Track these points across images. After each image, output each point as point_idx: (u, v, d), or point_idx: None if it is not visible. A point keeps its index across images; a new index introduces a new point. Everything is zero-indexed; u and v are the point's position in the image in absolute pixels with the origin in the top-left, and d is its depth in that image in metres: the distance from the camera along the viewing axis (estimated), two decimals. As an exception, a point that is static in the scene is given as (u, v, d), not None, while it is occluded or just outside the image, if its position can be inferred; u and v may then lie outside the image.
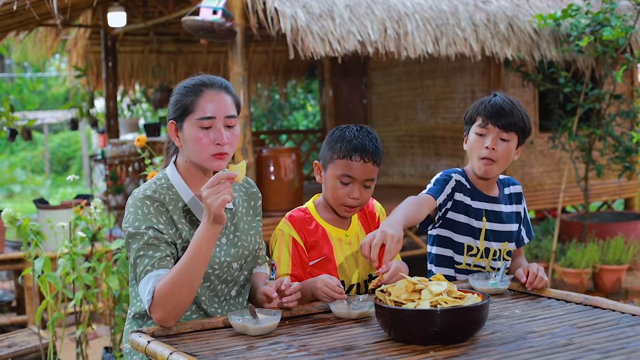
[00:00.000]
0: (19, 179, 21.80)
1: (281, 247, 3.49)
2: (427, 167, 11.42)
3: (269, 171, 8.73)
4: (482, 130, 3.77)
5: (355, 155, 3.44)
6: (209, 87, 3.22)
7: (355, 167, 3.45)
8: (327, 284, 3.23)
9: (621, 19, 8.57)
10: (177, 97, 3.26)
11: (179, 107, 3.23)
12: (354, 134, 3.49)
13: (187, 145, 3.22)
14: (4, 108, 9.35)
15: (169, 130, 3.28)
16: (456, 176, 3.85)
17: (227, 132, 3.21)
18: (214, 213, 2.96)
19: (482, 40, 8.79)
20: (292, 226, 3.51)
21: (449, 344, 2.72)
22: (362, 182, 3.48)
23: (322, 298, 3.24)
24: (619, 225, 10.14)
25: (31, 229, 5.47)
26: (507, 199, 3.99)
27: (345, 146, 3.46)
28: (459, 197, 3.83)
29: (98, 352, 7.18)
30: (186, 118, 3.20)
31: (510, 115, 3.74)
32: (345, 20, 8.00)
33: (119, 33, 11.97)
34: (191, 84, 3.24)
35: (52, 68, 22.71)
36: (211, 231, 3.00)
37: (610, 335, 2.78)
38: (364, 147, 3.45)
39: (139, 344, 2.86)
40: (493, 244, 3.87)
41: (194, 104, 3.19)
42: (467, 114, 3.89)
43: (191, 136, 3.19)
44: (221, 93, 3.24)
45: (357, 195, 3.48)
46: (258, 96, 16.28)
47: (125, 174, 10.59)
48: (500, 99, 3.78)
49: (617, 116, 9.68)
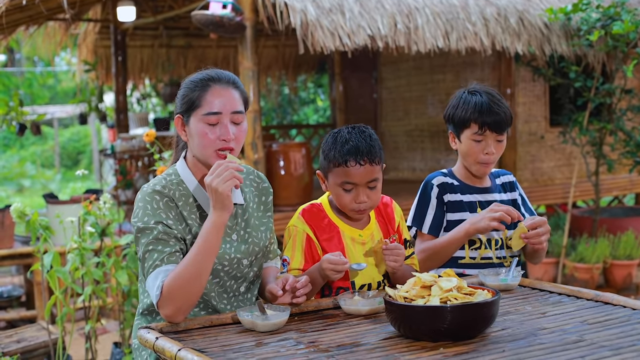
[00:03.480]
0: (29, 174, 21.85)
1: (295, 243, 3.45)
2: (437, 162, 11.39)
3: (278, 166, 8.71)
4: (480, 137, 3.77)
5: (350, 161, 3.33)
6: (216, 82, 3.20)
7: (353, 172, 3.34)
8: (331, 260, 3.22)
9: (632, 13, 8.53)
10: (184, 91, 3.23)
11: (185, 102, 3.21)
12: (345, 137, 3.38)
13: (193, 140, 3.20)
14: (14, 102, 9.36)
15: (175, 124, 3.26)
16: (436, 180, 3.89)
17: (233, 128, 3.18)
18: (222, 194, 2.95)
19: (492, 35, 8.76)
20: (305, 222, 3.48)
21: (458, 341, 2.71)
22: (364, 185, 3.38)
23: (332, 276, 3.23)
24: (629, 220, 10.11)
25: (40, 224, 5.47)
26: (501, 188, 4.00)
27: (339, 152, 3.35)
28: (449, 197, 3.86)
29: (107, 348, 7.18)
30: (193, 113, 3.18)
31: (502, 115, 3.77)
32: (355, 14, 7.97)
33: (129, 27, 11.96)
34: (198, 79, 3.22)
35: (62, 62, 22.72)
36: (218, 220, 2.99)
37: (621, 332, 2.76)
38: (357, 149, 3.33)
39: (147, 340, 2.85)
40: (493, 233, 3.86)
41: (200, 98, 3.16)
42: (452, 115, 3.85)
43: (197, 131, 3.16)
44: (229, 88, 3.21)
45: (362, 199, 3.39)
46: (268, 91, 16.26)
47: (135, 168, 10.59)
48: (486, 99, 3.77)
49: (628, 111, 9.64)
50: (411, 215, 3.91)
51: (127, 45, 12.50)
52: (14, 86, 21.75)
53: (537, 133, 10.35)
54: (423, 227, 3.84)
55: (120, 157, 10.47)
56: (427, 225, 3.84)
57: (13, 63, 24.63)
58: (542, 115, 10.42)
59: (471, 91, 3.83)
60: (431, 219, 3.84)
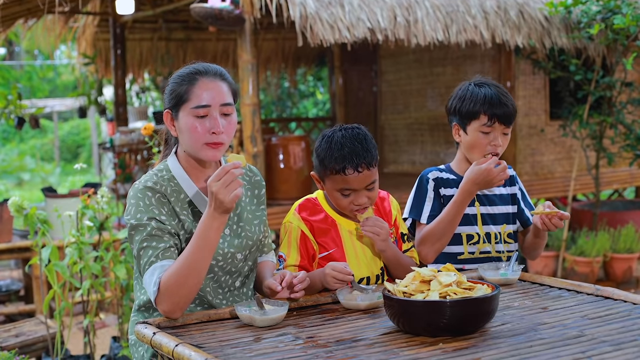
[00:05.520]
0: (28, 167, 21.84)
1: (290, 239, 3.45)
2: (437, 155, 11.38)
3: (278, 159, 8.71)
4: (488, 129, 3.76)
5: (348, 168, 3.31)
6: (204, 75, 3.18)
7: (351, 179, 3.33)
8: (335, 267, 3.21)
9: (632, 6, 8.51)
10: (172, 86, 3.21)
11: (174, 97, 3.18)
12: (340, 142, 3.35)
13: (183, 134, 3.18)
14: (12, 96, 9.34)
15: (165, 120, 3.24)
16: (432, 175, 3.90)
17: (223, 120, 3.16)
18: (227, 207, 2.92)
19: (492, 28, 8.74)
20: (300, 218, 3.47)
21: (458, 336, 2.69)
22: (363, 189, 3.38)
23: (333, 284, 3.21)
24: (630, 213, 10.11)
25: (38, 218, 5.46)
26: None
27: (335, 160, 3.33)
28: (444, 191, 3.86)
29: (106, 342, 7.17)
30: (181, 107, 3.16)
31: (511, 107, 3.78)
32: (354, 7, 7.95)
33: (128, 20, 11.93)
34: (185, 73, 3.20)
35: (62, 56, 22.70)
36: (219, 220, 2.97)
37: (622, 327, 2.75)
38: (355, 155, 3.31)
39: (145, 336, 2.84)
40: (492, 227, 3.87)
41: (188, 92, 3.14)
42: (459, 107, 3.84)
43: (187, 125, 3.14)
44: (216, 80, 3.19)
45: (361, 201, 3.39)
46: (267, 84, 16.24)
47: (134, 162, 10.57)
48: (495, 91, 3.77)
49: (628, 104, 9.63)
50: (408, 207, 3.90)
51: (126, 39, 12.47)
52: (14, 79, 21.73)
53: (537, 126, 10.34)
54: (421, 217, 3.83)
55: (119, 151, 10.44)
56: (426, 215, 3.82)
57: (13, 56, 24.62)
58: (542, 108, 10.41)
59: (478, 84, 3.83)
60: (429, 209, 3.83)
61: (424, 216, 3.83)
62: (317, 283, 3.28)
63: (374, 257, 3.52)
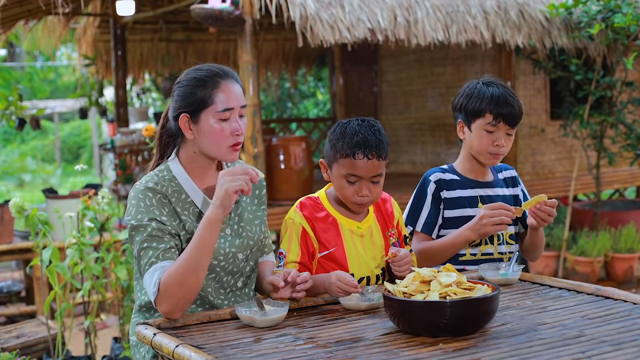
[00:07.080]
0: (29, 168, 21.84)
1: (291, 236, 3.44)
2: (438, 155, 11.38)
3: (279, 160, 8.70)
4: (492, 128, 3.77)
5: (358, 153, 3.32)
6: (224, 77, 3.19)
7: (360, 165, 3.33)
8: (341, 278, 3.18)
9: (632, 6, 8.51)
10: (189, 89, 3.19)
11: (193, 100, 3.16)
12: (355, 129, 3.37)
13: (204, 137, 3.18)
14: (13, 97, 9.34)
15: (180, 123, 3.20)
16: (434, 177, 3.90)
17: (241, 121, 3.20)
18: (226, 191, 2.95)
19: (492, 28, 8.73)
20: (302, 215, 3.46)
21: (458, 336, 2.70)
22: (369, 179, 3.37)
23: (337, 293, 3.20)
24: (630, 213, 10.10)
25: (39, 219, 5.46)
26: (503, 183, 4.01)
27: (347, 144, 3.34)
28: (446, 194, 3.87)
29: (107, 343, 7.17)
30: (204, 111, 3.15)
31: (517, 108, 3.79)
32: (354, 7, 7.95)
33: (128, 22, 11.92)
34: (204, 75, 3.18)
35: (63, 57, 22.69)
36: (214, 216, 2.98)
37: (622, 327, 2.75)
38: (367, 143, 3.33)
39: (145, 337, 2.84)
40: None
41: (212, 96, 3.15)
42: (465, 104, 3.85)
43: (212, 129, 3.15)
44: (235, 83, 3.22)
45: (365, 193, 3.38)
46: (268, 84, 16.25)
47: (135, 163, 10.57)
48: (502, 91, 3.78)
49: (628, 103, 9.62)
50: (406, 212, 3.91)
51: (127, 40, 12.46)
52: (15, 80, 21.72)
53: (537, 126, 10.34)
54: (417, 225, 3.85)
55: (120, 152, 10.44)
56: (421, 223, 3.85)
57: (13, 57, 24.61)
58: (543, 108, 10.41)
59: (486, 82, 3.84)
60: (425, 217, 3.84)
61: (419, 224, 3.85)
62: (319, 287, 3.27)
63: (374, 257, 3.52)
